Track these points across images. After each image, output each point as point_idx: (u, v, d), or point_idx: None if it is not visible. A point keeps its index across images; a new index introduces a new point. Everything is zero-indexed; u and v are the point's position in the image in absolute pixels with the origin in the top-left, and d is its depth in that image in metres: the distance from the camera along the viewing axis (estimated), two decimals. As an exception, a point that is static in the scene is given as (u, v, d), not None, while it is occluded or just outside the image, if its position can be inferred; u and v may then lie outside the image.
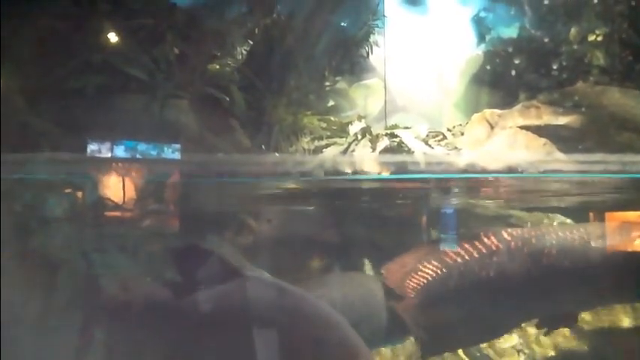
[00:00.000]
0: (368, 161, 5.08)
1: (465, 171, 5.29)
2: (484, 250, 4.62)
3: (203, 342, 3.34)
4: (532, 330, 5.37)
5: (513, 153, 5.51)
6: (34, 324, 4.66)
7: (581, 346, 5.37)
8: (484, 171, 4.98)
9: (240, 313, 3.27)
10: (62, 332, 4.59)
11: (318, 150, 5.73)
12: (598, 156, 4.68)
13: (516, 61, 6.81)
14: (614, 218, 4.78)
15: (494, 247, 4.60)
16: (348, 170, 4.92)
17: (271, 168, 4.73)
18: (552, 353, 5.43)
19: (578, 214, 5.36)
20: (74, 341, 4.12)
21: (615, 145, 5.22)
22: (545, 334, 5.20)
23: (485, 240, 4.64)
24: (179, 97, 5.21)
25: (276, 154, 5.46)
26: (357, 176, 4.83)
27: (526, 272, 4.47)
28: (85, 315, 4.16)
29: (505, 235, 4.63)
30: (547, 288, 4.45)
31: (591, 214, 5.15)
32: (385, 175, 4.97)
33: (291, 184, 5.04)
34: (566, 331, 5.38)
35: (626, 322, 5.47)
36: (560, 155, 5.25)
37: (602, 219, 4.98)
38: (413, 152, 5.53)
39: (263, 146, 5.28)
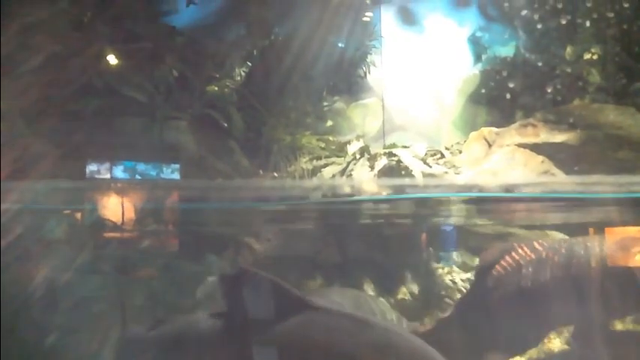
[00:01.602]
0: (367, 182, 5.10)
1: (463, 189, 5.30)
2: (515, 262, 4.69)
3: None
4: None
5: (512, 171, 5.51)
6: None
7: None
8: (482, 190, 4.99)
9: (313, 350, 2.88)
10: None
11: (316, 170, 5.74)
12: (595, 177, 4.70)
13: (512, 80, 6.86)
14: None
15: (527, 258, 4.65)
16: (347, 190, 4.93)
17: (270, 192, 4.72)
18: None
19: (577, 231, 5.36)
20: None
21: (612, 162, 5.23)
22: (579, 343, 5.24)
23: (519, 250, 4.66)
24: (178, 119, 5.26)
25: (275, 174, 5.48)
26: (356, 198, 4.84)
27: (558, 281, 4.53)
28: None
29: (536, 245, 4.68)
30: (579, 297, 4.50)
31: (591, 230, 5.16)
32: (384, 196, 4.98)
33: (289, 207, 5.05)
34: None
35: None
36: (557, 177, 5.25)
37: (602, 235, 5.01)
38: (411, 171, 5.54)
39: (261, 171, 5.28)
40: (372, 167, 5.63)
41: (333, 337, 2.85)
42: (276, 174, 5.53)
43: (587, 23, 6.41)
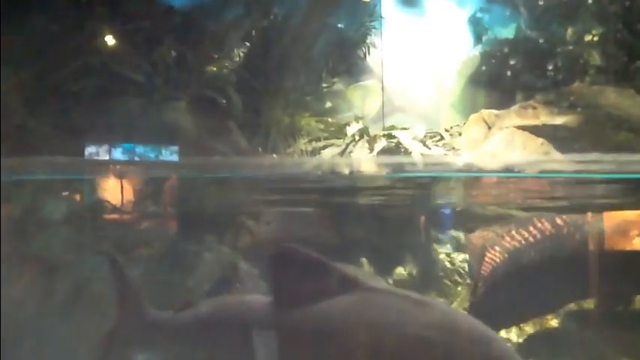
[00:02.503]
0: (366, 162, 5.09)
1: (462, 171, 5.30)
2: (539, 234, 4.78)
3: None
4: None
5: (511, 153, 5.51)
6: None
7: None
8: (482, 171, 4.99)
9: (371, 331, 2.72)
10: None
11: (315, 151, 5.73)
12: (594, 155, 4.70)
13: (513, 61, 6.82)
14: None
15: (547, 232, 4.75)
16: (346, 171, 4.92)
17: (269, 170, 4.71)
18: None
19: (576, 213, 5.38)
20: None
21: (611, 144, 5.23)
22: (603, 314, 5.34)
23: (540, 225, 4.80)
24: (177, 99, 5.23)
25: (274, 156, 5.46)
26: (355, 175, 4.83)
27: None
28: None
29: (559, 220, 4.76)
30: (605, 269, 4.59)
31: (589, 214, 5.19)
32: (383, 173, 4.98)
33: (289, 186, 5.04)
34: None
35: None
36: (557, 155, 5.26)
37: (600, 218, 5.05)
38: (410, 153, 5.53)
39: (260, 148, 5.26)
40: (371, 149, 5.63)
41: (391, 317, 2.71)
42: (275, 155, 5.52)
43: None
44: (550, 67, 6.50)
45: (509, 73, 6.78)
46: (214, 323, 3.20)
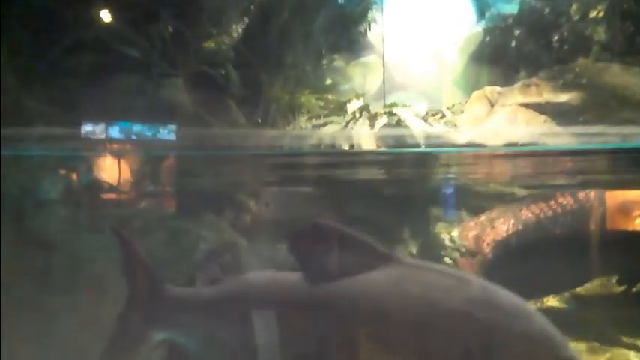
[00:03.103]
0: (366, 138, 5.03)
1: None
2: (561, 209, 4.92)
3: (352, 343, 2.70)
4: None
5: (513, 130, 5.47)
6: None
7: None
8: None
9: (411, 307, 2.65)
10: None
11: (315, 129, 5.66)
12: (598, 128, 4.65)
13: (516, 38, 6.73)
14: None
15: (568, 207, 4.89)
16: (346, 147, 4.86)
17: (269, 142, 4.65)
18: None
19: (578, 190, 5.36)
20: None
21: (616, 122, 5.19)
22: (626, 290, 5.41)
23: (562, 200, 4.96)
24: (174, 76, 5.15)
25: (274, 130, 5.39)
26: (355, 150, 4.78)
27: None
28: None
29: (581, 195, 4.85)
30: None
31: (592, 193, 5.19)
32: (384, 149, 4.92)
33: (288, 162, 4.99)
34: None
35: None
36: (559, 129, 5.21)
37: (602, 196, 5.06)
38: (412, 130, 5.48)
39: (259, 119, 5.19)
40: (372, 126, 5.56)
41: (431, 292, 2.65)
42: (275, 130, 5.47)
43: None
44: (554, 44, 6.42)
45: (512, 49, 6.70)
46: (244, 299, 3.08)
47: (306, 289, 2.86)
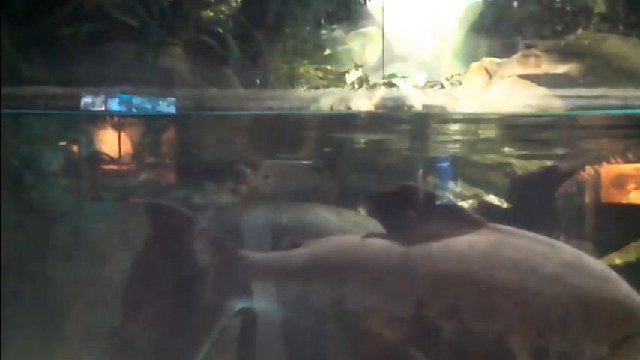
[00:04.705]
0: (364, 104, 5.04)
1: (462, 119, 5.27)
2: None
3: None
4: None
5: (512, 101, 5.49)
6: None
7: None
8: (481, 118, 4.97)
9: (506, 271, 2.63)
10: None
11: (314, 99, 5.66)
12: (599, 90, 4.67)
13: (515, 9, 6.70)
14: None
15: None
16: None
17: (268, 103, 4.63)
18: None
19: (574, 162, 5.38)
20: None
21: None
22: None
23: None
24: (172, 45, 5.12)
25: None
26: (353, 111, 4.79)
27: None
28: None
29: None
30: None
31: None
32: (380, 111, 4.94)
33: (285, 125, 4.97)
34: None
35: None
36: (561, 91, 5.21)
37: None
38: (410, 101, 5.49)
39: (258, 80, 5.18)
40: (370, 97, 5.58)
41: (527, 256, 2.67)
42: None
43: None
44: (554, 14, 6.38)
45: (511, 20, 6.67)
46: (334, 263, 3.01)
47: (398, 253, 2.82)
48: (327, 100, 5.58)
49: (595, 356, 2.55)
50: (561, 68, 5.61)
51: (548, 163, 5.63)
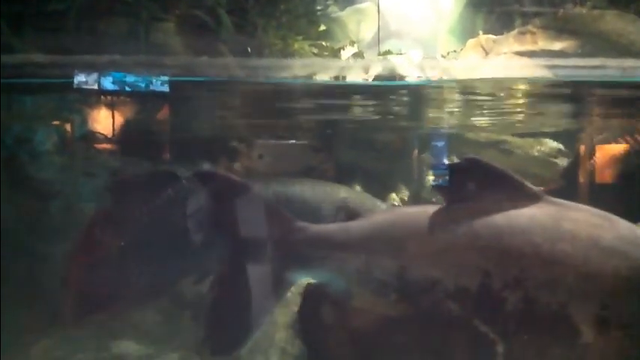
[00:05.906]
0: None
1: (458, 96, 5.25)
2: None
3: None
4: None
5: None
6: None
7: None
8: (477, 93, 4.94)
9: (564, 242, 2.67)
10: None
11: (309, 76, 5.61)
12: (598, 60, 4.65)
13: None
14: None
15: None
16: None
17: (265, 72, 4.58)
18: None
19: (567, 139, 5.39)
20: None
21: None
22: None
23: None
24: (165, 20, 5.06)
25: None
26: (346, 82, 4.76)
27: None
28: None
29: None
30: None
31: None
32: (376, 82, 4.91)
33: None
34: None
35: None
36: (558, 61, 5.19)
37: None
38: (406, 78, 5.46)
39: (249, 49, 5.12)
40: (365, 73, 5.53)
41: (585, 229, 2.71)
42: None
43: None
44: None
45: (507, -2, 6.61)
46: (398, 234, 3.02)
47: (460, 224, 2.87)
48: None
49: None
50: (558, 45, 5.57)
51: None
